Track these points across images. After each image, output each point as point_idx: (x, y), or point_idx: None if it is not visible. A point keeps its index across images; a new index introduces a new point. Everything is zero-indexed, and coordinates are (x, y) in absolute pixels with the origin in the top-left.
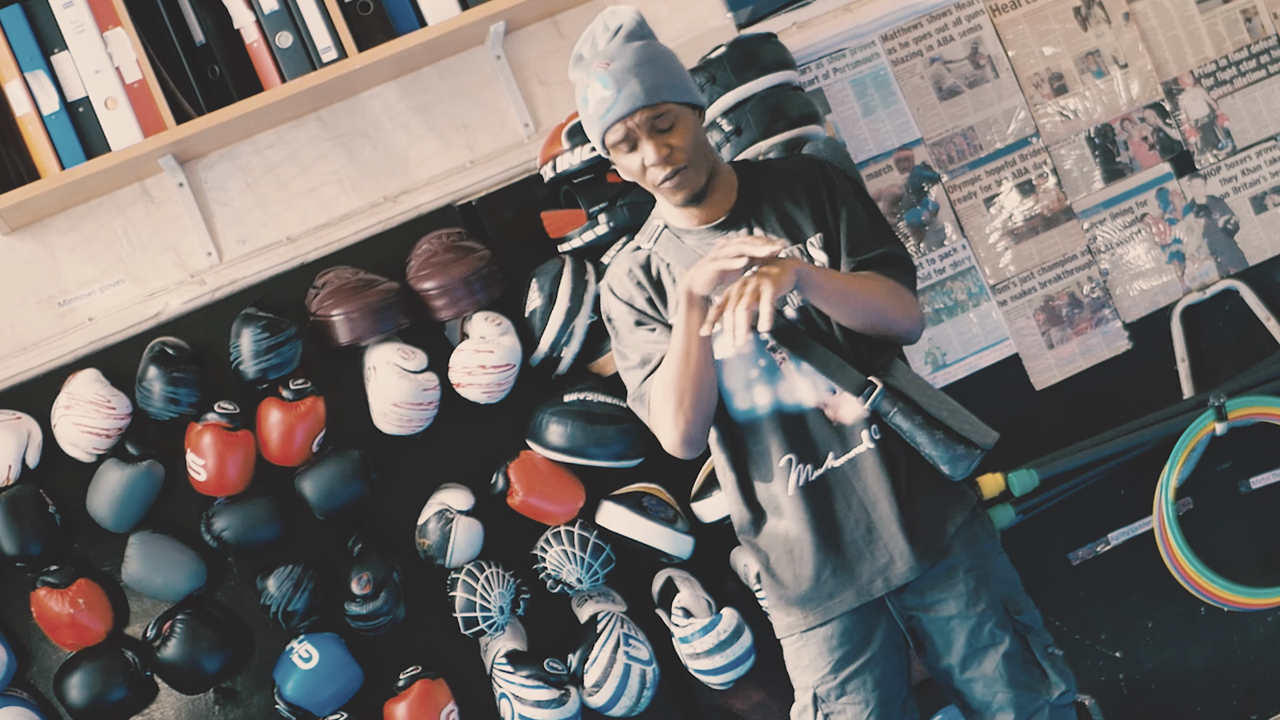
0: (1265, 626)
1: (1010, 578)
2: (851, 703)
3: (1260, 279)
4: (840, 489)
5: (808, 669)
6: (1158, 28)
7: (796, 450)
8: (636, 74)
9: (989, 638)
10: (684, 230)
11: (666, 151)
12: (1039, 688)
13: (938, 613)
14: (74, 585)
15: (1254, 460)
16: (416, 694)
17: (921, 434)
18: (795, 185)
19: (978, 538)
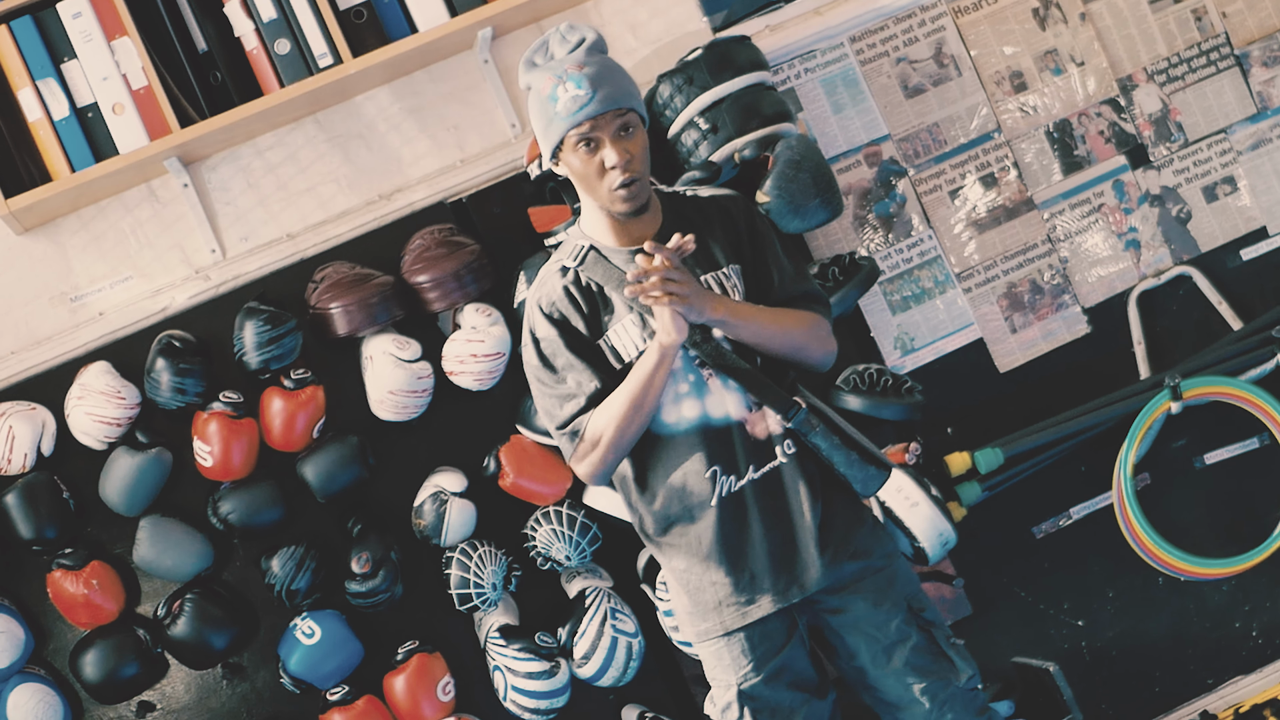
0: (1220, 595)
1: (912, 578)
2: (776, 693)
3: (1212, 265)
4: (758, 500)
5: (729, 668)
6: (1112, 27)
7: (721, 462)
8: (610, 79)
9: (897, 634)
10: (612, 250)
11: (628, 157)
12: (948, 675)
13: (848, 613)
14: (88, 567)
15: (1208, 437)
16: (414, 667)
17: (838, 454)
18: (714, 220)
19: (882, 541)
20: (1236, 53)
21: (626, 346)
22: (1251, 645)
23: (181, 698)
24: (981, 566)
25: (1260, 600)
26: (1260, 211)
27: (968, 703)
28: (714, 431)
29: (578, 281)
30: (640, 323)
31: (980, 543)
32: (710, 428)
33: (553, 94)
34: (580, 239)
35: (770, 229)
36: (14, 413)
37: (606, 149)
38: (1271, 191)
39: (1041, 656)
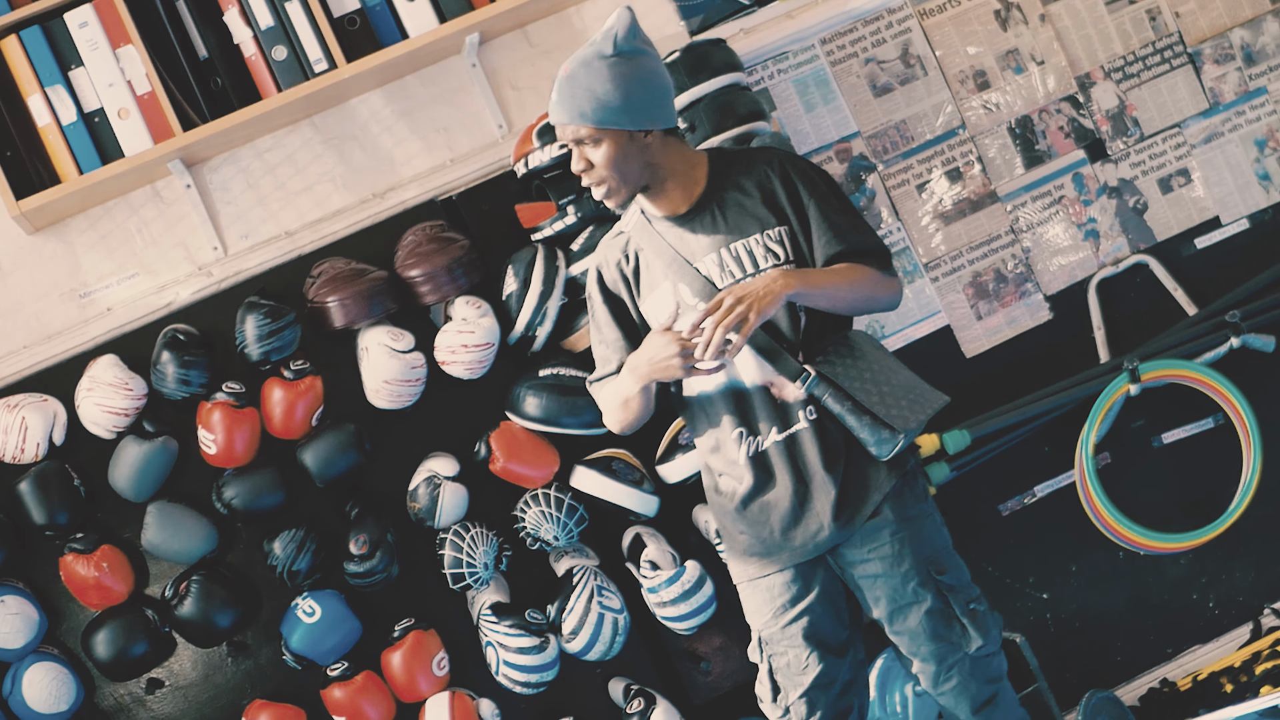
0: (1178, 568)
1: (936, 539)
2: (791, 645)
3: (1168, 253)
4: (782, 460)
5: (755, 614)
6: (1070, 27)
7: (746, 424)
8: (573, 92)
9: (912, 595)
10: (655, 217)
11: (584, 165)
12: (959, 641)
13: (865, 571)
14: (98, 551)
15: (1165, 418)
16: (410, 643)
17: (850, 417)
18: (760, 175)
19: (905, 503)
20: (1189, 51)
21: (657, 315)
22: (1208, 616)
23: (189, 674)
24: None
25: (1216, 572)
26: (1213, 202)
27: (976, 669)
28: (739, 395)
29: (625, 248)
30: (673, 292)
31: (949, 520)
32: (735, 391)
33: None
34: (636, 205)
35: (818, 177)
36: (27, 404)
37: (574, 156)
38: (1224, 183)
39: (1009, 628)
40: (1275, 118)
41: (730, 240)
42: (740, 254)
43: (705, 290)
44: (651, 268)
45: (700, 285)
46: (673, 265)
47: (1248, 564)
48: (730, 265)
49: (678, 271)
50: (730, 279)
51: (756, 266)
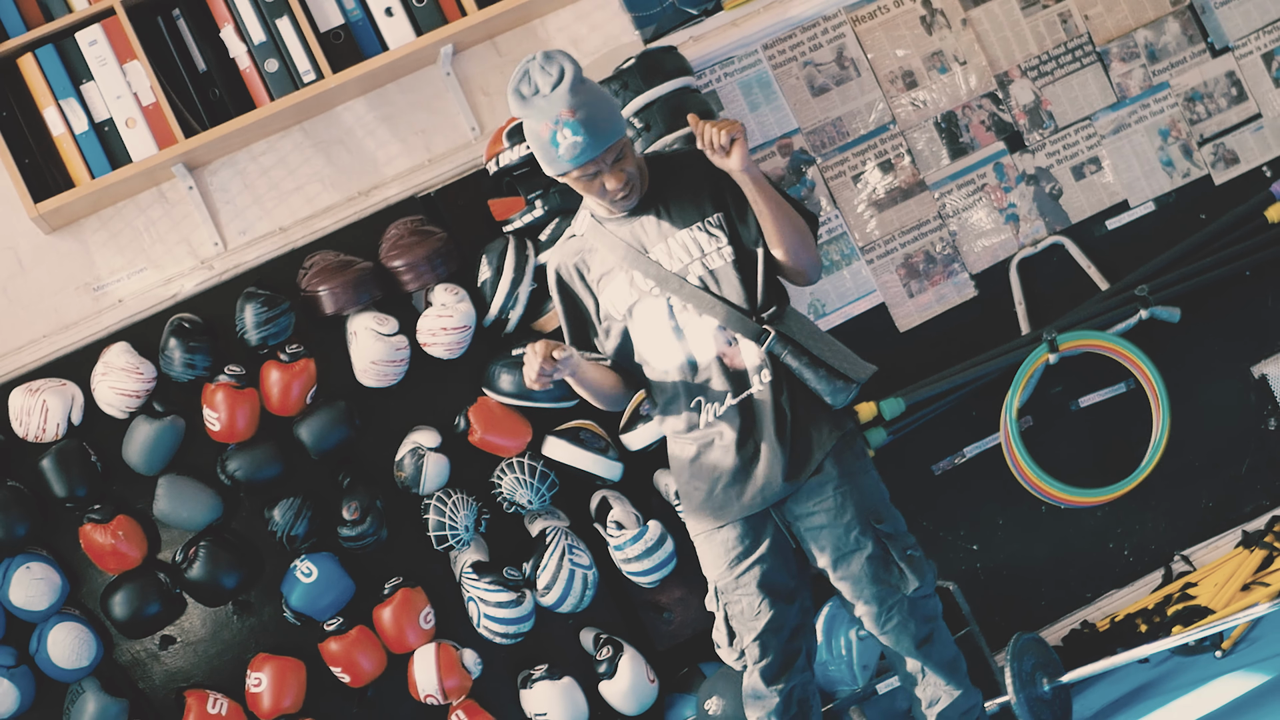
0: (1095, 520)
1: (874, 492)
2: (745, 593)
3: (1081, 235)
4: (736, 423)
5: (711, 566)
6: (990, 30)
7: (704, 393)
8: (599, 119)
9: (854, 544)
10: (605, 218)
11: (624, 178)
12: (898, 584)
13: (811, 523)
14: (114, 520)
15: (1081, 384)
16: (399, 600)
17: (808, 371)
18: (692, 174)
19: (845, 460)
20: (1098, 50)
21: (616, 303)
22: (1123, 563)
23: (198, 631)
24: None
25: (1130, 524)
26: (1122, 187)
27: (914, 609)
28: (695, 367)
29: (580, 250)
30: (628, 281)
31: (887, 479)
32: (692, 365)
33: (553, 139)
34: (585, 208)
35: None
36: (47, 388)
37: (606, 179)
38: (1131, 170)
39: (943, 577)
40: (1177, 110)
41: (676, 230)
42: (686, 241)
43: (659, 275)
44: (606, 263)
45: (655, 271)
46: (627, 257)
47: (1159, 515)
48: (678, 252)
49: (632, 261)
50: (679, 264)
51: (701, 250)
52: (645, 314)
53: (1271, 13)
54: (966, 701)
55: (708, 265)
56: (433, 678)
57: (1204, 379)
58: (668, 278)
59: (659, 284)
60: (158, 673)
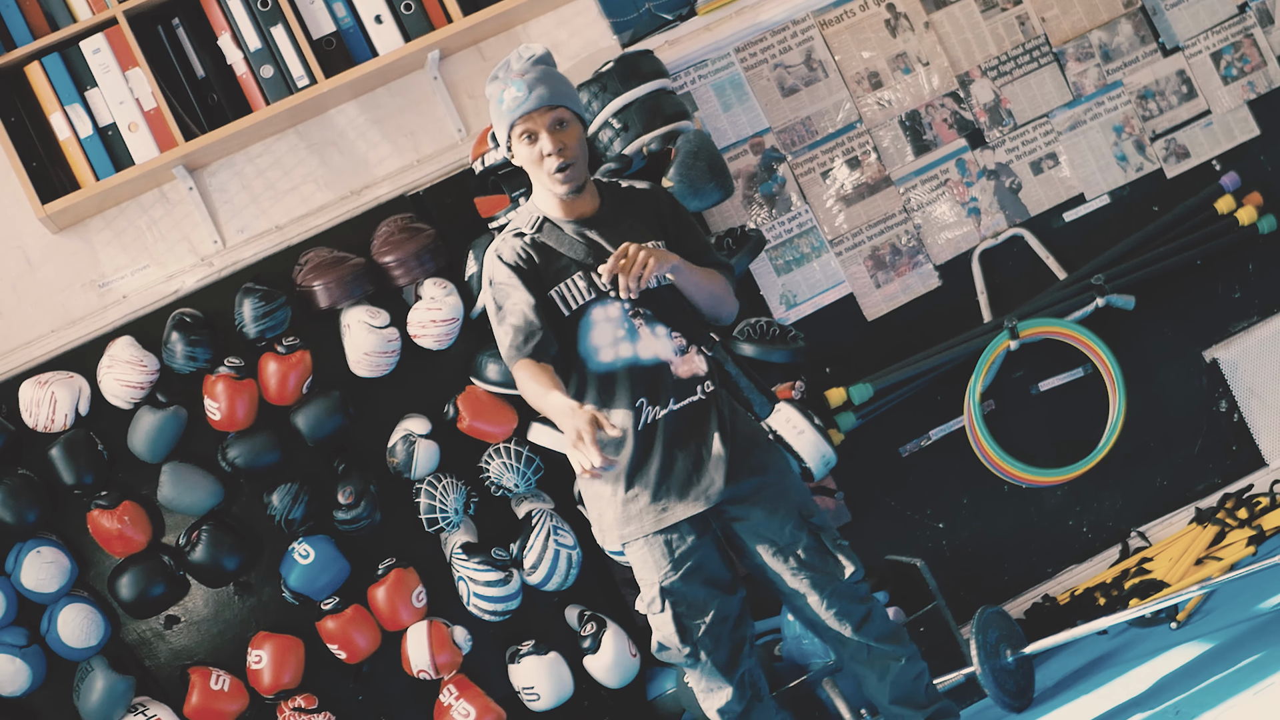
0: (1055, 499)
1: (801, 489)
2: (692, 588)
3: (1040, 227)
4: (677, 427)
5: (652, 569)
6: (951, 33)
7: (647, 395)
8: (544, 83)
9: (790, 537)
10: (563, 221)
11: (560, 145)
12: (833, 571)
13: (749, 520)
14: (120, 506)
15: (1041, 369)
16: (392, 580)
17: (744, 379)
18: (641, 205)
19: (776, 461)
20: (1054, 50)
21: (574, 298)
22: (1082, 539)
23: (201, 611)
24: (858, 481)
25: (1088, 502)
26: (1078, 181)
27: (851, 594)
28: (642, 370)
29: (533, 244)
30: (587, 280)
31: (856, 462)
32: (639, 367)
33: (500, 97)
34: (534, 211)
35: (686, 213)
36: (55, 381)
37: (542, 138)
38: (1087, 164)
39: (909, 554)
40: (1130, 107)
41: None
42: None
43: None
44: (561, 260)
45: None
46: (589, 257)
47: (1116, 493)
48: None
49: (595, 260)
50: None
51: None
52: (601, 313)
53: (1220, 14)
54: (915, 666)
55: (660, 279)
56: (425, 653)
57: (1158, 363)
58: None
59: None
60: (163, 651)
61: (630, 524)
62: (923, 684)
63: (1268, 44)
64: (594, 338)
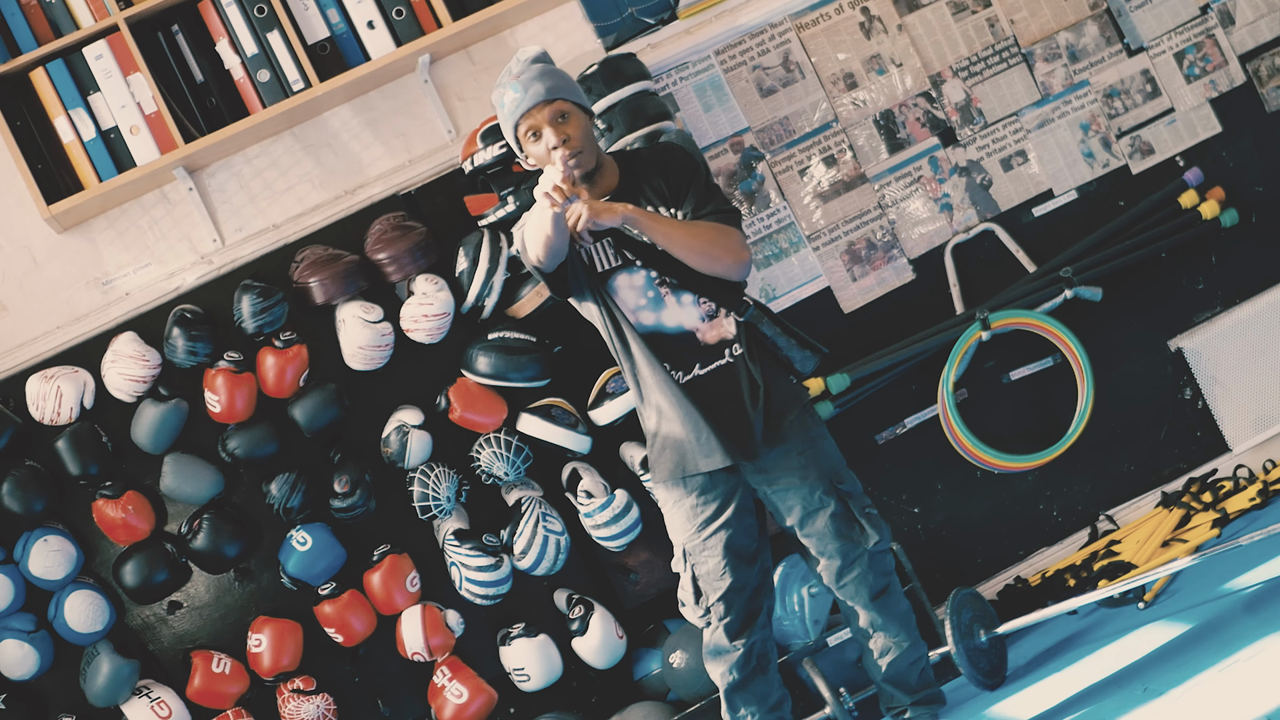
0: (1026, 484)
1: (834, 455)
2: (711, 555)
3: (1010, 221)
4: (707, 391)
5: (680, 530)
6: (923, 35)
7: (671, 360)
8: (540, 80)
9: (819, 502)
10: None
11: (564, 136)
12: (859, 539)
13: (779, 485)
14: (124, 496)
15: (1012, 358)
16: (387, 566)
17: (782, 338)
18: (656, 169)
19: (807, 427)
20: (1023, 51)
21: (602, 259)
22: (1053, 523)
23: (203, 597)
24: None
25: (1058, 487)
26: (1047, 177)
27: (874, 562)
28: (667, 337)
29: None
30: (614, 248)
31: None
32: (663, 334)
33: (501, 102)
34: None
35: (688, 164)
36: (61, 375)
37: (546, 133)
38: (1055, 161)
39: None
40: (1096, 105)
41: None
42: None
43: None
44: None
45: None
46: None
47: (1084, 478)
48: None
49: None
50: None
51: None
52: (626, 280)
53: (1182, 15)
54: (915, 652)
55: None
56: (419, 637)
57: (1124, 353)
58: (652, 252)
59: (642, 257)
60: (166, 635)
61: (663, 486)
62: (917, 670)
63: (1229, 44)
64: (620, 302)
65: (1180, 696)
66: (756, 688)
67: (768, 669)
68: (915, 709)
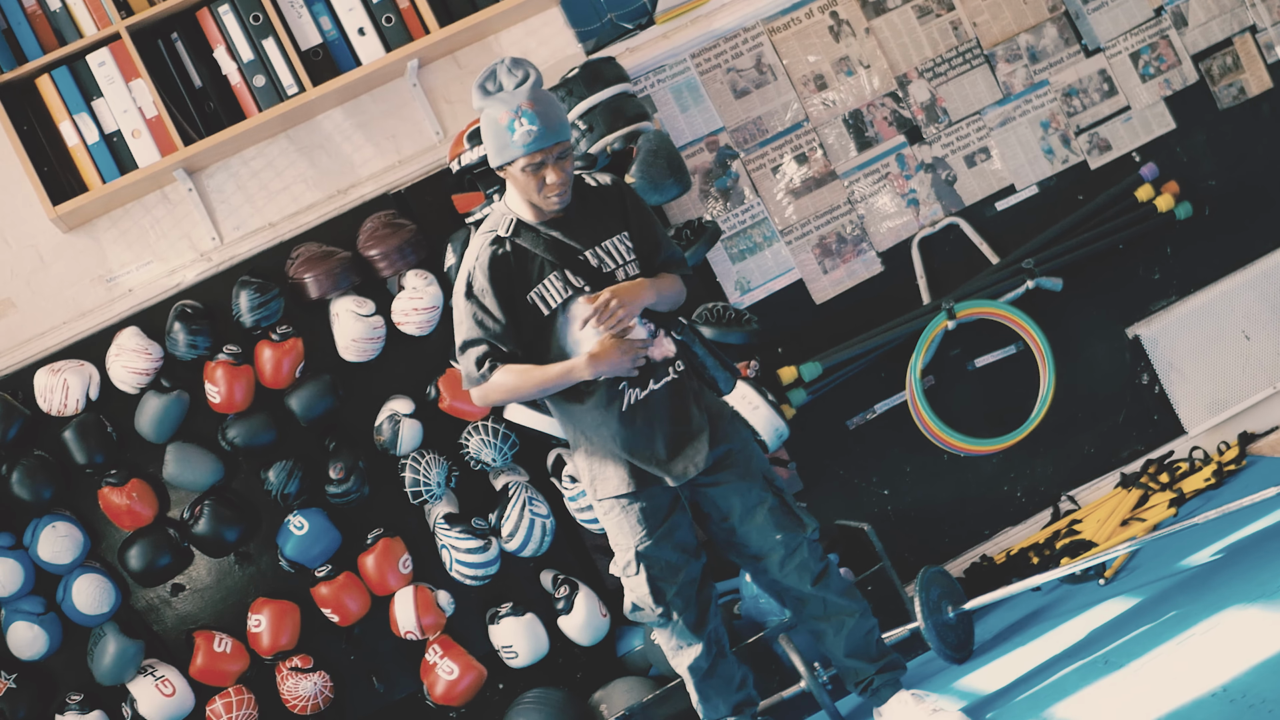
0: (991, 467)
1: (762, 455)
2: (664, 553)
3: (974, 215)
4: (658, 406)
5: (629, 534)
6: (890, 38)
7: (628, 379)
8: (555, 116)
9: (758, 498)
10: (534, 223)
11: (564, 175)
12: (797, 528)
13: (721, 485)
14: (129, 483)
15: (977, 346)
16: (380, 549)
17: (710, 359)
18: (606, 201)
19: (739, 430)
20: (985, 53)
21: (552, 298)
22: (1016, 503)
23: (204, 579)
24: (809, 452)
25: (1022, 469)
26: (1009, 173)
27: (812, 549)
28: None
29: (511, 248)
30: (563, 279)
31: (807, 434)
32: None
33: (510, 125)
34: (507, 213)
35: (645, 206)
36: (68, 369)
37: (549, 171)
38: (1016, 158)
39: (857, 519)
40: (1056, 104)
41: (600, 239)
42: (609, 248)
43: (590, 274)
44: (535, 260)
45: (588, 271)
46: (562, 256)
47: (1047, 461)
48: (604, 256)
49: (567, 261)
50: (609, 267)
51: (624, 259)
52: (578, 309)
53: (1138, 17)
54: (867, 622)
55: (628, 272)
56: (411, 616)
57: (1084, 340)
58: (599, 277)
59: (590, 282)
60: (169, 616)
61: (611, 491)
62: (874, 639)
63: (1182, 44)
64: (574, 333)
65: (1140, 668)
66: (723, 671)
67: (726, 653)
68: (880, 676)
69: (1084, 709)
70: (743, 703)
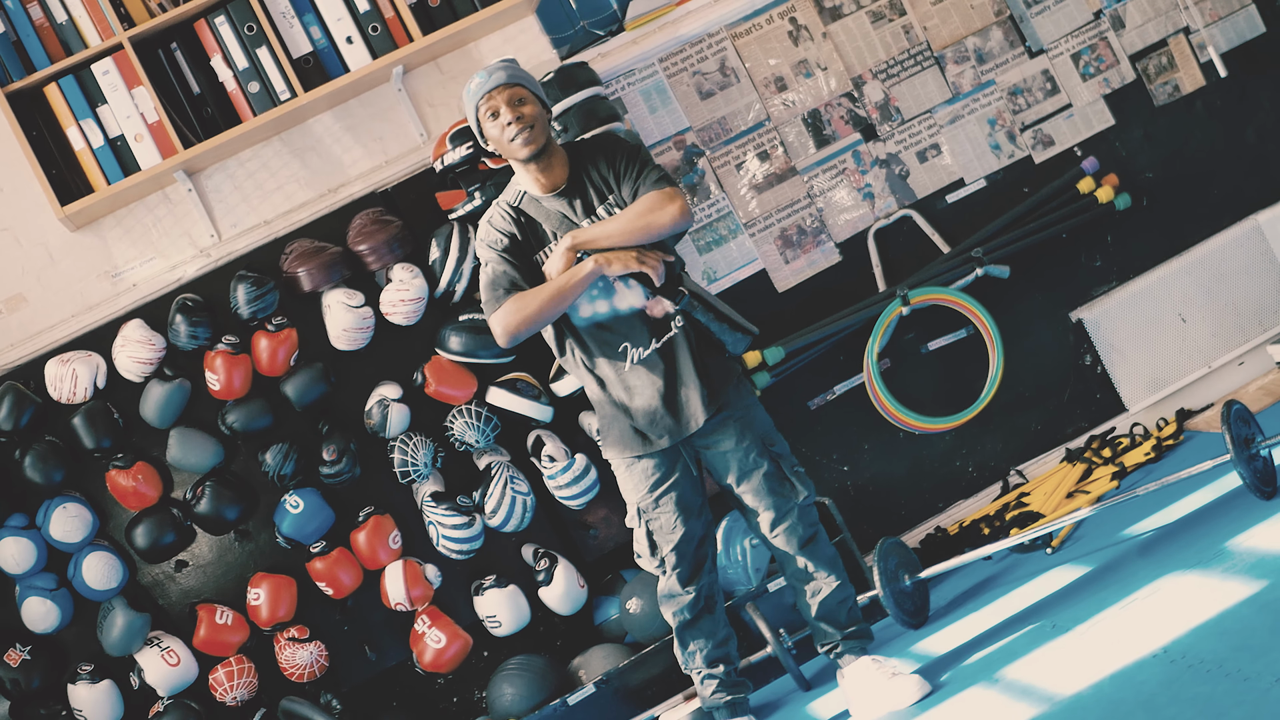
0: (943, 443)
1: (765, 421)
2: (664, 511)
3: (926, 208)
4: (660, 364)
5: (634, 490)
6: (845, 42)
7: (630, 339)
8: (503, 69)
9: (753, 463)
10: (539, 196)
11: (519, 113)
12: (790, 495)
13: (717, 449)
14: (134, 466)
15: (930, 330)
16: (371, 525)
17: (714, 324)
18: (600, 156)
19: (742, 395)
20: (935, 55)
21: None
22: (969, 477)
23: (206, 556)
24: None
25: (973, 445)
26: (959, 168)
27: (802, 514)
28: (623, 318)
29: (517, 215)
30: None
31: (771, 414)
32: (619, 316)
33: (467, 89)
34: (517, 187)
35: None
36: (76, 359)
37: (503, 111)
38: (965, 153)
39: (820, 494)
40: (1002, 102)
41: (596, 206)
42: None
43: None
44: (541, 230)
45: None
46: (562, 225)
47: (996, 438)
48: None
49: (567, 229)
50: None
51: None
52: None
53: (1078, 20)
54: (842, 592)
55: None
56: (401, 589)
57: (1031, 324)
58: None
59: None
60: (174, 591)
61: (616, 450)
62: (845, 608)
63: (1120, 45)
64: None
65: (1085, 632)
66: (704, 625)
67: (714, 610)
68: (846, 643)
69: (1033, 670)
70: (719, 659)
